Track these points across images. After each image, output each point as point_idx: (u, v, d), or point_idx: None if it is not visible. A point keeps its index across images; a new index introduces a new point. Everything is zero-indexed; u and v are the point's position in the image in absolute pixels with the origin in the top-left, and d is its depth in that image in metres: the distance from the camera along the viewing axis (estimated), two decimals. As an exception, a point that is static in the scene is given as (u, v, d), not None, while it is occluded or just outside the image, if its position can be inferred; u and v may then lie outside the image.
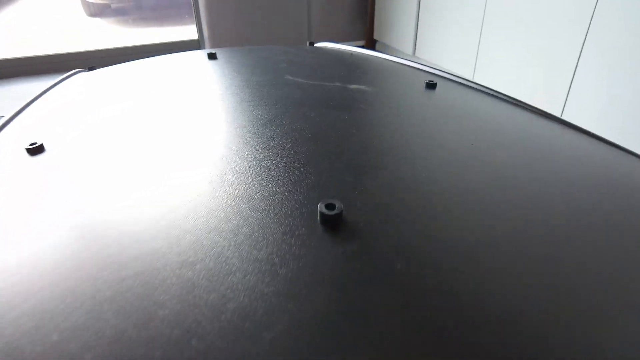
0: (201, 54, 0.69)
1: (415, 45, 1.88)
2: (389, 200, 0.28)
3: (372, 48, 2.31)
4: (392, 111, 0.43)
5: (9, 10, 3.10)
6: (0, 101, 1.69)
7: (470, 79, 1.51)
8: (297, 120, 0.40)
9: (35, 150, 0.36)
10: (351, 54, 0.72)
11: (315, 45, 0.85)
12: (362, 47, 1.86)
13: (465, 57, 1.58)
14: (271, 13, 2.06)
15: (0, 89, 1.83)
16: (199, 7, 2.05)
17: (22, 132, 0.41)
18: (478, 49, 1.51)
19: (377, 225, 0.26)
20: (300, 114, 0.41)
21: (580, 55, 1.13)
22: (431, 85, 0.53)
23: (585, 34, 1.10)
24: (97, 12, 3.00)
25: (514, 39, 1.34)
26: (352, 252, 0.23)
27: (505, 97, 0.53)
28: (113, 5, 3.07)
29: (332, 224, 0.26)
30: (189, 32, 2.78)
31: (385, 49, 2.22)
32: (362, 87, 0.51)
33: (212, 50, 0.68)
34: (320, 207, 0.26)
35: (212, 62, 0.64)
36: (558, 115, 1.22)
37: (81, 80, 0.62)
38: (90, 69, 0.75)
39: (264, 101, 0.45)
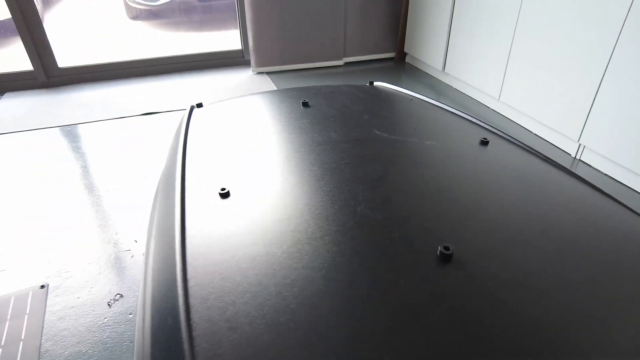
0: (295, 100, 0.84)
1: (445, 61, 2.02)
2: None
3: (402, 61, 2.45)
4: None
5: (53, 12, 3.28)
6: (69, 108, 1.89)
7: (497, 98, 1.66)
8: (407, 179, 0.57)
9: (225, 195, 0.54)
10: (411, 100, 0.88)
11: (375, 85, 1.01)
12: (393, 59, 2.01)
13: (493, 77, 1.72)
14: (311, 26, 2.22)
15: (64, 95, 2.03)
16: (245, 19, 2.21)
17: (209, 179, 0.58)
18: (505, 70, 1.65)
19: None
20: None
21: (599, 86, 1.27)
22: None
23: (605, 67, 1.24)
24: (138, 15, 3.18)
25: (539, 64, 1.48)
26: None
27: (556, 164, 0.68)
28: (154, 9, 3.24)
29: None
30: (228, 38, 2.94)
31: (415, 63, 2.37)
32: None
33: (305, 100, 0.84)
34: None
35: (306, 109, 0.81)
36: (575, 137, 1.37)
37: (202, 117, 0.79)
38: (198, 106, 0.93)
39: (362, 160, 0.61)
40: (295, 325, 0.36)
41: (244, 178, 0.57)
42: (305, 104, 0.82)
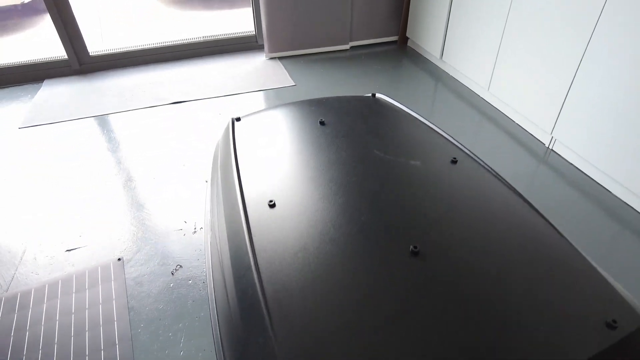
0: (314, 115, 1.08)
1: (443, 49, 2.19)
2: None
3: (404, 44, 2.62)
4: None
5: None
6: (104, 96, 2.11)
7: (486, 89, 1.86)
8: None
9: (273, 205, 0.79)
10: (405, 116, 1.11)
11: (377, 97, 1.23)
12: (395, 42, 2.27)
13: (484, 69, 1.92)
14: (321, 11, 2.38)
15: (98, 83, 2.24)
16: (259, 5, 2.38)
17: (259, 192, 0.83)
18: (495, 63, 1.85)
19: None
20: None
21: (570, 85, 1.49)
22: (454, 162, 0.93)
23: (576, 68, 1.44)
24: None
25: (523, 60, 1.68)
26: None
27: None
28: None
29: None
30: (238, 16, 3.07)
31: (416, 47, 2.53)
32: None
33: (322, 119, 1.07)
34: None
35: (323, 127, 1.04)
36: (549, 130, 1.59)
37: (242, 129, 1.04)
38: (237, 120, 1.16)
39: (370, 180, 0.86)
40: (320, 273, 0.63)
41: (283, 191, 0.83)
42: (322, 123, 1.06)
